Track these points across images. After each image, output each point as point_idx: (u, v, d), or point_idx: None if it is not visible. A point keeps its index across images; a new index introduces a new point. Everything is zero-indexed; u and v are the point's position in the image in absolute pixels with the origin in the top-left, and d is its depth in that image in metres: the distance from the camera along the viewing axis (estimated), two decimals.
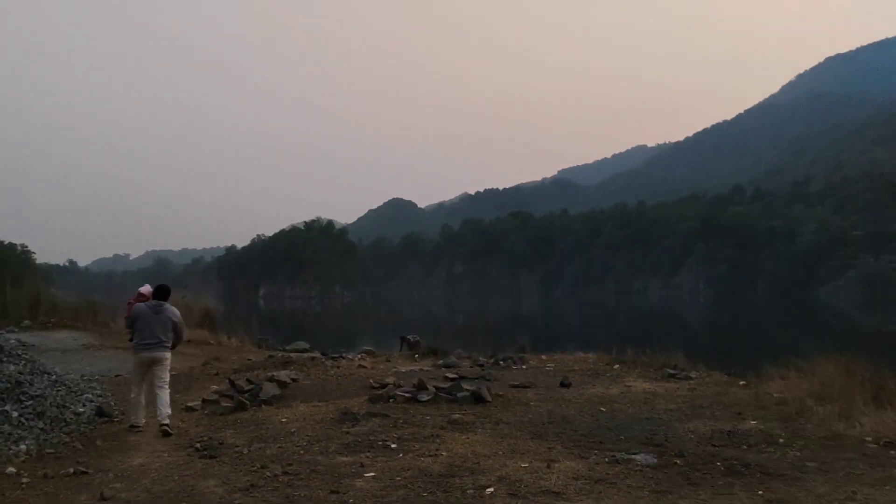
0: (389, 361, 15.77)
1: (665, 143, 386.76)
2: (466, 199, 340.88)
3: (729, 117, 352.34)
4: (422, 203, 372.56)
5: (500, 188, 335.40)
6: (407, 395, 8.89)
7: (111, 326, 22.75)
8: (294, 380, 10.94)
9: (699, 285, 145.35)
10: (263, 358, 16.29)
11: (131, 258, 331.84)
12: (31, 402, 7.82)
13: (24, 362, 10.03)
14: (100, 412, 8.54)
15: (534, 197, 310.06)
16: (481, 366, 13.48)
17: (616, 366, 13.21)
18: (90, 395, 10.17)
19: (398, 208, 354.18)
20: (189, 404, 9.19)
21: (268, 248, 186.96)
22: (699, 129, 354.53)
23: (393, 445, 6.69)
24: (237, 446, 6.86)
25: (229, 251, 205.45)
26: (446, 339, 19.84)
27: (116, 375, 13.16)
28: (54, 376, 10.23)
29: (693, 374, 11.66)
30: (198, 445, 6.89)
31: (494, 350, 16.88)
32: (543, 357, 15.36)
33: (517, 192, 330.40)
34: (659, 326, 58.07)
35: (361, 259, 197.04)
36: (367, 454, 6.42)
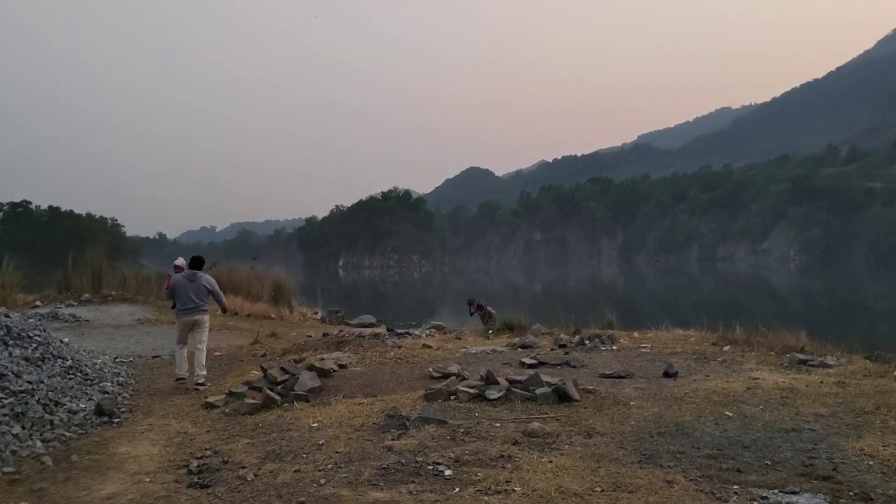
0: (459, 339, 13.98)
1: (751, 105, 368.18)
2: (544, 166, 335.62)
3: (819, 75, 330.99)
4: (499, 171, 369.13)
5: (579, 154, 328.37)
6: (472, 391, 7.03)
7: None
8: (342, 366, 9.28)
9: (790, 251, 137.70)
10: (322, 335, 14.81)
11: (217, 230, 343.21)
12: (10, 401, 6.39)
13: (34, 345, 8.74)
14: (99, 411, 7.07)
15: (613, 162, 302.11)
16: (563, 346, 11.50)
17: (726, 347, 10.97)
18: (109, 384, 8.82)
19: (475, 177, 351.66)
20: (210, 399, 7.63)
21: (346, 218, 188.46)
22: (787, 88, 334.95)
23: (447, 472, 4.86)
24: (243, 467, 5.19)
25: (309, 222, 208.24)
26: (524, 310, 17.91)
27: (154, 356, 11.90)
28: (69, 361, 8.91)
29: (830, 361, 9.34)
30: (194, 465, 5.27)
31: (577, 325, 14.85)
32: (636, 335, 13.24)
33: (596, 157, 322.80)
34: (753, 296, 54.18)
35: (439, 228, 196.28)
36: (411, 487, 4.61)
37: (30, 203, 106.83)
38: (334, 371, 8.72)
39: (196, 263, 9.77)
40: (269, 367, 8.22)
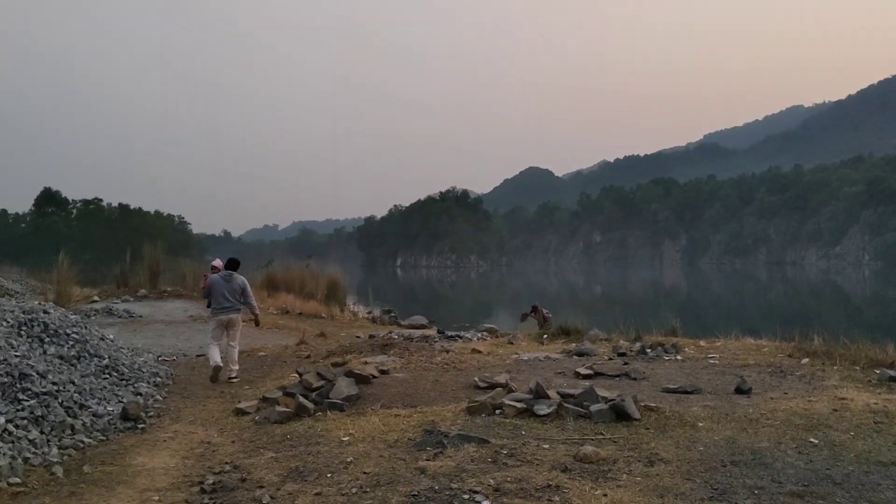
0: (512, 344, 13.33)
1: (824, 103, 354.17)
2: (605, 167, 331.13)
3: None
4: (559, 171, 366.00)
5: (641, 154, 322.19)
6: (520, 405, 6.39)
7: None
8: (384, 371, 8.75)
9: (864, 256, 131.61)
10: (368, 337, 14.38)
11: (279, 228, 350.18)
12: (31, 403, 6.07)
13: (71, 343, 8.51)
14: (124, 415, 6.70)
15: (677, 162, 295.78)
16: (623, 355, 10.73)
17: (804, 360, 10.00)
18: (144, 385, 8.52)
19: (535, 177, 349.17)
20: (241, 405, 7.20)
21: (405, 218, 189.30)
22: (863, 86, 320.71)
23: None
24: (261, 486, 4.69)
25: (368, 221, 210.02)
26: (581, 314, 17.15)
27: (199, 355, 11.63)
28: (105, 360, 8.66)
29: None
30: (209, 483, 4.79)
31: (638, 331, 13.98)
32: (702, 343, 12.32)
33: (659, 157, 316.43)
34: (827, 303, 51.64)
35: (497, 228, 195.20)
36: None
37: (101, 200, 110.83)
38: (374, 377, 8.19)
39: (232, 265, 10.11)
40: (305, 372, 7.75)
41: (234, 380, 9.36)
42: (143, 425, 6.60)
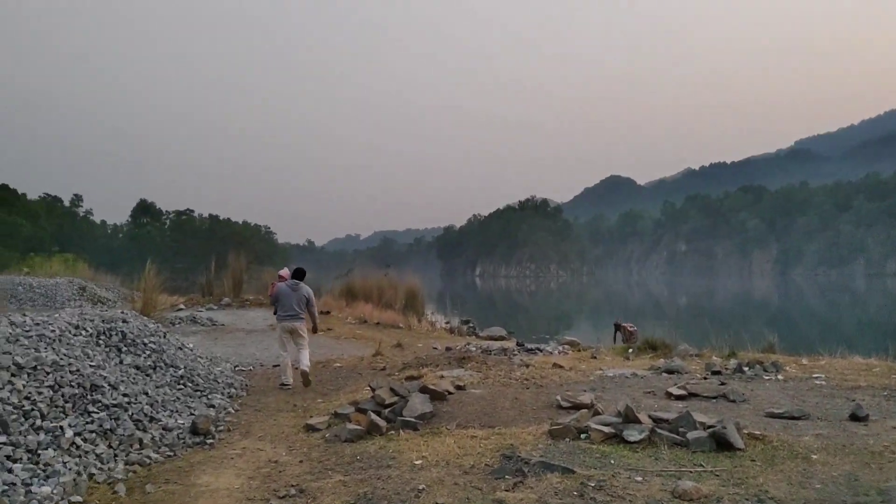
0: (595, 358, 12.71)
1: None
2: (689, 174, 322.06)
3: None
4: (641, 180, 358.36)
5: (728, 162, 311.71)
6: (607, 429, 5.85)
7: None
8: (460, 387, 8.34)
9: None
10: (445, 349, 14.03)
11: (361, 238, 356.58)
12: (101, 415, 5.96)
13: (147, 353, 8.49)
14: (194, 429, 6.53)
15: (766, 169, 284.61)
16: (718, 373, 9.95)
17: None
18: (218, 396, 8.40)
19: (616, 185, 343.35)
20: (312, 421, 6.93)
21: (483, 227, 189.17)
22: None
23: None
24: None
25: (447, 230, 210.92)
26: (667, 328, 16.28)
27: (275, 365, 11.54)
28: (181, 370, 8.60)
29: None
30: None
31: (732, 347, 13.09)
32: (804, 361, 11.37)
33: (747, 164, 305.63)
34: None
35: (577, 238, 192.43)
36: None
37: (192, 211, 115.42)
38: (450, 393, 7.79)
39: (298, 274, 10.51)
40: (378, 387, 7.42)
41: (310, 380, 9.80)
42: (211, 440, 6.40)
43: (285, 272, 11.68)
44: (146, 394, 7.05)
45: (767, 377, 9.67)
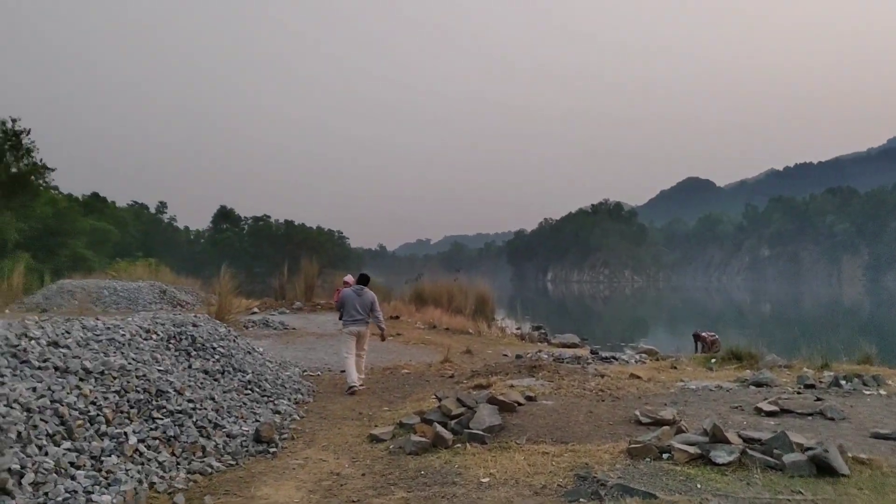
0: (675, 369, 12.11)
1: None
2: (773, 176, 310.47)
3: None
4: (720, 182, 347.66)
5: (815, 162, 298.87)
6: (693, 449, 5.37)
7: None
8: (530, 398, 7.96)
9: None
10: (515, 357, 13.66)
11: (432, 243, 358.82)
12: (165, 421, 5.89)
13: (216, 357, 8.47)
14: (257, 437, 6.39)
15: (857, 170, 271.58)
16: (811, 387, 9.24)
17: None
18: (284, 402, 8.31)
19: (694, 188, 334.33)
20: (376, 431, 6.69)
21: (555, 231, 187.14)
22: None
23: None
24: None
25: (518, 235, 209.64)
26: (751, 336, 15.38)
27: (342, 371, 11.42)
28: (249, 375, 8.56)
29: None
30: None
31: (825, 358, 12.19)
32: None
33: (835, 165, 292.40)
34: None
35: (653, 242, 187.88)
36: None
37: (269, 217, 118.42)
38: (519, 405, 7.43)
39: (363, 280, 10.67)
40: (444, 398, 7.12)
41: (359, 388, 9.75)
42: (274, 449, 6.24)
43: (350, 278, 12.23)
44: (212, 399, 6.98)
45: (868, 392, 8.91)
